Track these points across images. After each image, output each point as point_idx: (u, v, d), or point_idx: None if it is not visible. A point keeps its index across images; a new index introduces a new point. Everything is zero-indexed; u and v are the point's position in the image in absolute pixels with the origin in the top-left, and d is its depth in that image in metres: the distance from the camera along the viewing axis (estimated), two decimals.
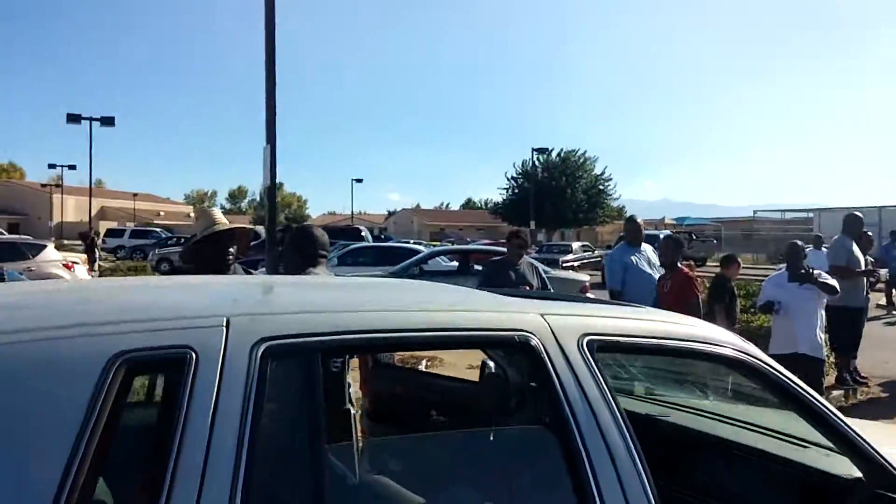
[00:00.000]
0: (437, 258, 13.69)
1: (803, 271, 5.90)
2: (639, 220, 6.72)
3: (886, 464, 1.94)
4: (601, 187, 48.27)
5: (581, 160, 47.47)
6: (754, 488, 2.32)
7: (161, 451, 1.29)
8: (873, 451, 1.94)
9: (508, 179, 48.30)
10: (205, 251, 3.42)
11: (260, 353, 1.39)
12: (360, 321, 1.59)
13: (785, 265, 6.26)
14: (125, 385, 1.32)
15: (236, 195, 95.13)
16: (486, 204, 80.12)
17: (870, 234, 8.79)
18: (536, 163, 44.43)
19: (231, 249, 3.42)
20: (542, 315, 1.78)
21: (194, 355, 1.35)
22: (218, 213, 3.67)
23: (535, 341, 1.69)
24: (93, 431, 1.24)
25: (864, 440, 1.94)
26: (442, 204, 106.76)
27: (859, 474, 2.01)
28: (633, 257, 6.32)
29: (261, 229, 12.24)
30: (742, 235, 45.21)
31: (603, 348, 1.76)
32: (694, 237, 34.75)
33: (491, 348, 1.99)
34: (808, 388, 1.97)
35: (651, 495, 1.60)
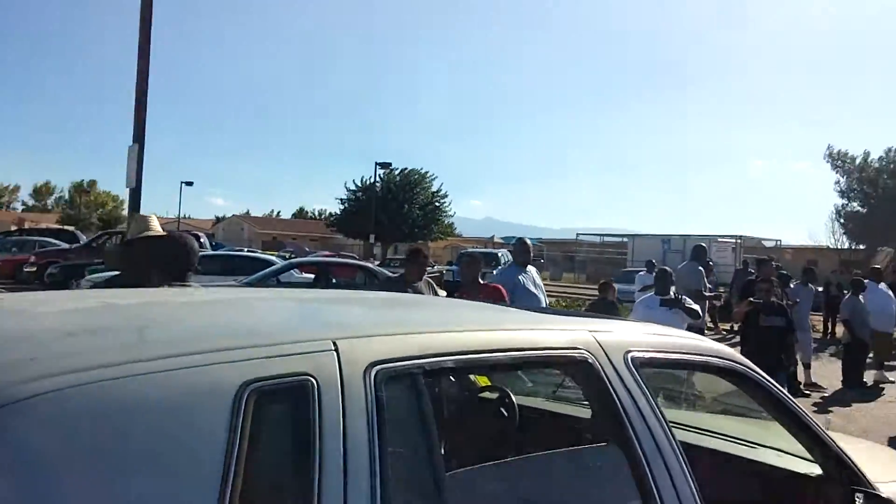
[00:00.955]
0: (292, 270, 13.49)
1: (672, 297, 6.53)
2: (528, 242, 7.03)
3: (849, 461, 2.28)
4: (437, 204, 49.41)
5: (420, 177, 48.34)
6: (736, 489, 2.60)
7: (302, 483, 1.27)
8: (838, 449, 2.29)
9: (348, 190, 48.12)
10: (133, 255, 3.26)
11: (373, 378, 1.41)
12: (457, 341, 1.65)
13: (653, 290, 6.89)
14: (255, 416, 1.26)
15: (42, 192, 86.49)
16: (320, 214, 79.04)
17: (711, 262, 9.86)
18: (379, 178, 44.65)
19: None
20: (590, 332, 1.93)
21: (315, 382, 1.34)
22: (153, 220, 3.50)
23: (591, 359, 1.83)
24: (235, 471, 1.19)
25: (832, 440, 2.29)
26: (272, 211, 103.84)
27: (820, 471, 2.35)
28: (521, 277, 6.63)
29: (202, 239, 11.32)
30: (563, 256, 48.18)
31: (644, 364, 1.94)
32: None
33: (555, 367, 2.10)
34: (791, 399, 2.28)
35: (695, 494, 1.80)
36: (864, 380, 11.17)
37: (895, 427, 8.34)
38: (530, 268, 6.89)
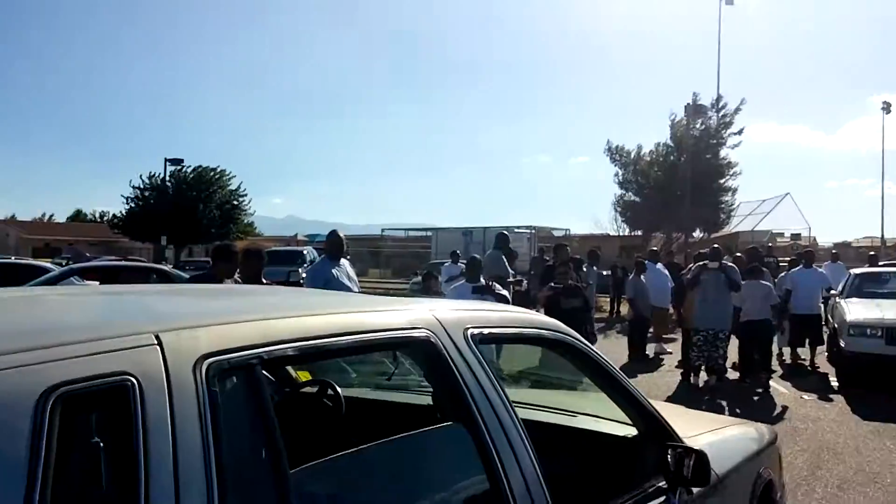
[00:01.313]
0: (71, 277, 12.29)
1: (482, 283, 6.75)
2: (342, 235, 6.92)
3: (662, 420, 2.46)
4: (236, 203, 47.43)
5: (217, 175, 46.08)
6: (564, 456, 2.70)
7: (127, 499, 1.11)
8: (652, 409, 2.46)
9: (134, 189, 44.61)
10: None
11: (205, 373, 1.26)
12: (297, 327, 1.53)
13: (461, 279, 7.08)
14: (64, 427, 1.07)
15: None
16: (101, 217, 72.52)
17: (515, 250, 10.32)
18: (170, 176, 41.90)
19: None
20: (430, 311, 1.89)
21: (136, 382, 1.17)
22: None
23: (434, 337, 1.79)
24: (41, 495, 1.01)
25: (648, 402, 2.45)
26: (44, 216, 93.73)
27: (636, 432, 2.51)
28: (334, 270, 6.52)
29: None
30: (369, 253, 48.46)
31: (483, 340, 1.94)
32: None
33: (398, 348, 2.01)
34: (613, 366, 2.40)
35: (537, 468, 1.83)
36: (647, 352, 12.36)
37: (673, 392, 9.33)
38: (344, 261, 6.81)
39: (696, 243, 30.38)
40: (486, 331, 1.97)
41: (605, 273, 18.40)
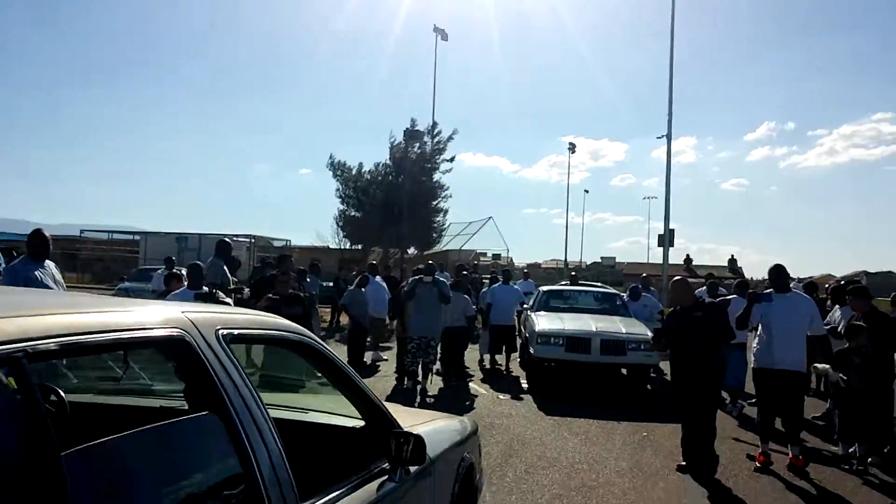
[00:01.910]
0: None
1: (205, 291, 6.64)
2: (47, 235, 6.31)
3: (386, 412, 2.79)
4: None
5: None
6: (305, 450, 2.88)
7: None
8: (378, 403, 2.78)
9: None
10: None
11: None
12: (57, 324, 1.55)
13: (186, 285, 6.89)
14: None
15: None
16: None
17: (236, 258, 10.16)
18: None
19: None
20: (182, 312, 2.00)
21: None
22: None
23: (188, 336, 1.90)
24: None
25: (374, 397, 2.76)
26: None
27: (363, 423, 2.81)
28: (38, 272, 5.97)
29: None
30: (64, 255, 43.61)
31: (234, 339, 2.09)
32: (14, 254, 32.04)
33: (153, 346, 1.99)
34: (346, 365, 2.67)
35: (283, 453, 2.03)
36: (364, 359, 12.94)
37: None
38: (49, 263, 6.25)
39: (410, 259, 32.24)
40: (235, 331, 2.11)
41: (326, 285, 18.82)
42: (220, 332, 2.03)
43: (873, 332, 7.06)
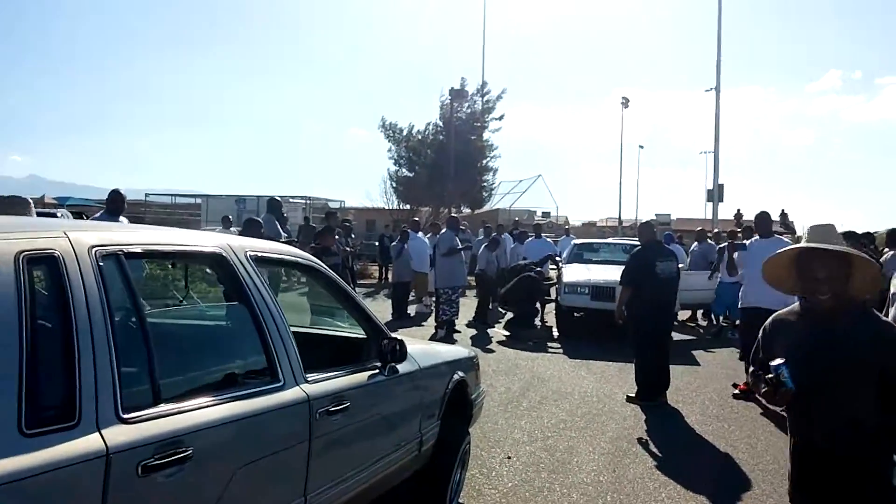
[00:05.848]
0: None
1: None
2: (123, 193, 7.21)
3: (381, 325, 3.59)
4: None
5: None
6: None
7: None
8: (375, 320, 3.58)
9: None
10: None
11: (95, 254, 2.07)
12: (146, 237, 2.43)
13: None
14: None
15: None
16: None
17: (286, 215, 11.14)
18: None
19: None
20: (225, 241, 2.82)
21: (60, 255, 1.93)
22: None
23: (226, 254, 2.72)
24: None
25: (369, 311, 3.57)
26: None
27: (364, 335, 3.62)
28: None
29: None
30: (130, 219, 45.62)
31: (257, 260, 2.88)
32: (85, 217, 33.91)
33: (204, 259, 2.85)
34: (349, 286, 3.49)
35: (292, 340, 2.85)
36: (409, 311, 13.86)
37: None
38: (123, 218, 7.19)
39: (461, 218, 32.98)
40: (259, 254, 2.93)
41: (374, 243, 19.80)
42: (248, 253, 2.85)
43: None
